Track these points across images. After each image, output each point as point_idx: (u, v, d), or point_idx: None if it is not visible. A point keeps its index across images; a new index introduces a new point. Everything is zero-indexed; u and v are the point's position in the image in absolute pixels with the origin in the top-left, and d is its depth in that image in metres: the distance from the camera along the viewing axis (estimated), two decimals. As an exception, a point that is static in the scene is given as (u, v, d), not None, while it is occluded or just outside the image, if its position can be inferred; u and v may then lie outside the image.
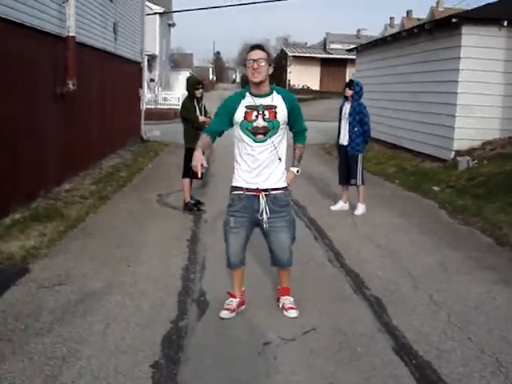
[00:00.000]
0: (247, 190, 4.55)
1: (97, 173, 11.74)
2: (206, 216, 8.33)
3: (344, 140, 8.69)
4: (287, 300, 4.82)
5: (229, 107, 4.55)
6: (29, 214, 7.84)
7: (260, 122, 4.44)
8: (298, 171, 4.79)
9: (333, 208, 8.97)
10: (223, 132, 4.67)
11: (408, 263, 6.25)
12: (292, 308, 4.75)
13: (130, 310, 4.78)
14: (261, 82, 4.41)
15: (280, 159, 4.56)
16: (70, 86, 9.95)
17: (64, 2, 9.84)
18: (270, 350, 4.10)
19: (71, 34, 9.95)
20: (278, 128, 4.48)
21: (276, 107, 4.47)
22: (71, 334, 4.27)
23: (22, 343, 4.10)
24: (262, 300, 5.06)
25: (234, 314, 4.71)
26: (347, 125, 8.57)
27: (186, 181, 8.67)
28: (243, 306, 4.84)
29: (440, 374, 3.80)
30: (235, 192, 4.62)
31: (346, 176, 8.80)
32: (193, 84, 8.67)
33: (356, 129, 8.53)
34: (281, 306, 4.81)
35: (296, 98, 4.75)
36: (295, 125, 4.71)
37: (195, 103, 8.57)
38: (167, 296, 5.12)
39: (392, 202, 9.62)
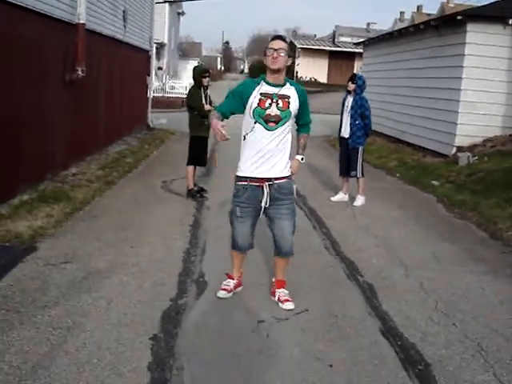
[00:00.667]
0: (251, 180, 4.61)
1: (103, 158, 11.96)
2: (209, 203, 8.54)
3: (345, 133, 8.88)
4: (283, 292, 4.87)
5: (243, 91, 4.60)
6: (36, 195, 8.07)
7: (273, 110, 4.50)
8: (302, 159, 4.88)
9: (333, 199, 9.18)
10: (231, 115, 4.71)
11: (402, 253, 6.46)
12: (288, 300, 4.79)
13: (132, 288, 5.01)
14: (278, 70, 4.48)
15: (286, 149, 4.64)
16: (79, 72, 10.15)
17: (75, -11, 10.03)
18: (264, 328, 4.32)
19: (81, 21, 10.14)
20: (289, 118, 4.56)
21: (289, 97, 4.55)
22: (76, 308, 4.51)
23: (29, 314, 4.33)
24: (258, 283, 5.26)
25: (230, 294, 4.87)
26: (349, 118, 8.77)
27: (191, 168, 8.88)
28: (240, 288, 5.00)
29: (423, 355, 4.02)
30: (240, 183, 4.67)
31: (347, 168, 9.00)
32: (200, 72, 8.84)
33: (357, 122, 8.72)
34: (276, 298, 4.85)
35: (306, 93, 4.84)
36: (302, 117, 4.81)
37: (201, 91, 8.75)
38: (168, 276, 5.35)
39: (391, 195, 9.82)
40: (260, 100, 4.51)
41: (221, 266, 5.49)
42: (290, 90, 4.59)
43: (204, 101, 8.69)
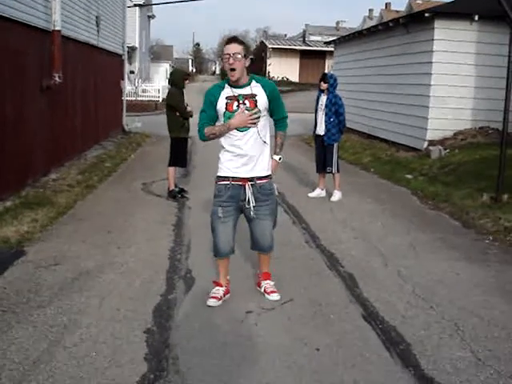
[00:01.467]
0: (233, 179, 4.62)
1: (82, 163, 12.08)
2: (189, 203, 8.72)
3: (321, 130, 9.13)
4: (268, 284, 4.97)
5: (211, 100, 4.60)
6: (19, 201, 8.18)
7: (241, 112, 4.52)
8: (280, 159, 4.89)
9: (310, 195, 9.42)
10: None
11: (379, 244, 6.71)
12: (274, 291, 4.91)
13: (122, 286, 5.18)
14: (238, 80, 4.51)
15: (265, 143, 4.65)
16: (56, 78, 10.27)
17: (49, -3, 10.13)
18: (252, 318, 4.54)
19: (57, 28, 10.26)
20: (259, 116, 4.56)
21: (256, 95, 4.54)
22: (70, 307, 4.67)
23: (25, 314, 4.49)
24: (243, 276, 5.46)
25: (220, 302, 4.78)
26: (324, 115, 9.02)
27: (172, 169, 9.06)
28: (228, 295, 4.91)
29: (403, 336, 4.26)
30: (222, 182, 4.67)
31: (323, 164, 9.25)
32: (182, 75, 9.13)
33: (332, 119, 8.98)
34: (262, 290, 4.97)
35: (276, 86, 4.82)
36: (276, 112, 4.76)
37: (183, 94, 8.95)
38: (156, 274, 5.54)
39: (367, 190, 10.09)
40: (227, 104, 4.55)
41: (206, 262, 5.71)
42: (255, 88, 4.57)
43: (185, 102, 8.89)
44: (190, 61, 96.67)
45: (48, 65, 10.14)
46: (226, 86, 4.60)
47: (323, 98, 9.05)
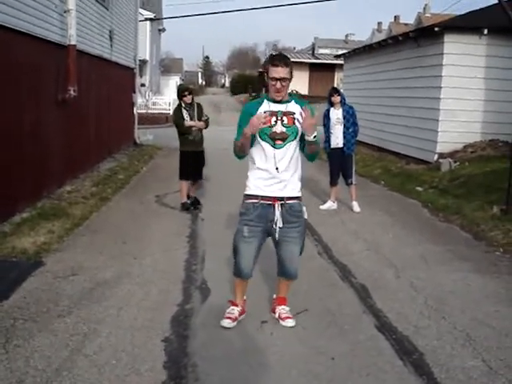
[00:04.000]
0: (262, 198, 4.44)
1: (95, 175, 12.23)
2: (203, 215, 8.84)
3: (340, 142, 9.24)
4: (283, 310, 4.77)
5: (248, 114, 4.39)
6: (36, 213, 8.33)
7: (278, 128, 4.35)
8: (314, 137, 4.32)
9: (322, 207, 9.52)
10: (252, 143, 4.46)
11: (391, 255, 6.80)
12: (289, 317, 4.71)
13: (139, 297, 5.29)
14: (282, 99, 4.38)
15: (296, 168, 4.51)
16: (72, 92, 10.44)
17: (65, 12, 10.33)
18: (268, 327, 4.64)
19: (72, 43, 10.44)
20: (296, 134, 4.40)
21: (295, 113, 4.38)
22: (89, 316, 4.78)
23: (46, 323, 4.60)
24: (260, 286, 5.55)
25: (235, 323, 4.64)
26: (342, 127, 9.15)
27: (182, 183, 9.19)
28: (243, 316, 4.78)
29: (416, 345, 4.35)
30: (250, 201, 4.48)
31: (339, 177, 9.41)
32: (179, 91, 9.21)
33: (350, 130, 9.16)
34: (277, 316, 4.76)
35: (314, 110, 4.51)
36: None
37: (183, 109, 9.01)
38: (172, 284, 5.65)
39: (377, 202, 10.18)
40: (265, 118, 4.30)
41: (221, 273, 5.80)
42: (295, 107, 4.42)
43: (188, 117, 8.96)
44: (200, 74, 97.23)
45: (63, 78, 10.31)
46: (265, 101, 4.45)
47: (337, 112, 9.17)
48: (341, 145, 9.24)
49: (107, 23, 14.33)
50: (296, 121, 4.39)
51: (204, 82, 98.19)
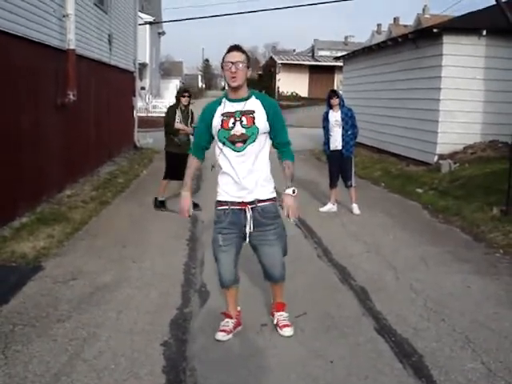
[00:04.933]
0: (232, 204, 4.29)
1: (95, 179, 12.23)
2: (203, 217, 8.82)
3: (338, 145, 9.24)
4: (281, 316, 4.64)
5: (206, 118, 4.32)
6: (35, 217, 8.33)
7: (238, 130, 4.17)
8: (294, 191, 4.25)
9: (321, 209, 9.52)
10: (209, 145, 4.47)
11: (391, 257, 6.79)
12: (286, 325, 4.57)
13: (138, 300, 5.30)
14: (239, 86, 4.17)
15: (263, 169, 4.30)
16: (71, 96, 10.45)
17: (64, 16, 10.34)
18: (267, 331, 4.63)
19: (71, 47, 10.45)
20: (257, 134, 4.18)
21: (254, 112, 4.18)
22: (88, 320, 4.79)
23: (45, 328, 4.60)
24: (257, 289, 5.55)
25: (230, 335, 4.50)
26: (341, 130, 9.15)
27: (164, 182, 9.50)
28: (240, 328, 4.65)
29: (416, 348, 4.35)
30: (220, 207, 4.35)
31: (338, 179, 9.41)
32: (179, 92, 9.48)
33: (349, 132, 9.16)
34: (275, 322, 4.64)
35: (278, 105, 4.43)
36: (278, 135, 4.34)
37: (178, 110, 9.17)
38: (172, 288, 5.65)
39: (377, 204, 10.18)
40: (222, 121, 4.21)
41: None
42: (254, 104, 4.23)
43: (181, 119, 9.12)
44: (200, 77, 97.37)
45: (63, 83, 10.32)
46: (224, 100, 4.28)
47: (336, 114, 9.18)
48: (340, 147, 9.24)
49: (106, 27, 14.34)
50: (256, 120, 4.19)
51: (204, 85, 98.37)
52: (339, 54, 25.62)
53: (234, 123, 4.18)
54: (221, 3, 68.41)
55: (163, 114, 30.15)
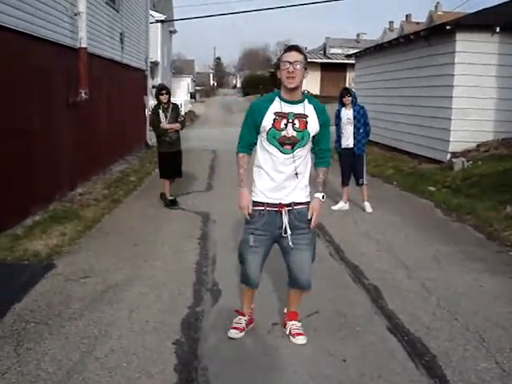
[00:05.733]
0: (268, 205, 4.18)
1: (107, 178, 12.27)
2: (214, 216, 8.83)
3: (350, 143, 9.22)
4: (294, 325, 4.52)
5: (255, 114, 4.13)
6: (48, 215, 8.37)
7: (289, 132, 4.04)
8: (323, 197, 4.27)
9: (333, 208, 9.49)
10: (257, 140, 4.26)
11: (403, 256, 6.76)
12: (300, 334, 4.44)
13: (150, 299, 5.30)
14: (296, 88, 4.03)
15: (304, 172, 4.22)
16: (83, 95, 10.48)
17: (76, 15, 10.37)
18: (278, 329, 4.62)
19: (83, 46, 10.48)
20: (307, 140, 4.11)
21: (307, 117, 4.07)
22: (100, 318, 4.79)
23: (57, 326, 4.62)
24: (270, 289, 5.54)
25: (243, 333, 4.50)
26: (352, 128, 9.12)
27: (164, 180, 9.64)
28: (251, 325, 4.65)
29: (429, 347, 4.32)
30: (255, 208, 4.22)
31: (350, 178, 9.40)
32: (156, 90, 9.49)
33: (361, 130, 9.13)
34: (287, 332, 4.50)
35: (327, 113, 4.28)
36: (320, 141, 4.25)
37: (160, 109, 9.24)
38: (183, 286, 5.64)
39: (390, 202, 10.13)
40: (274, 120, 4.05)
41: (232, 275, 5.77)
42: (308, 109, 4.10)
43: (164, 118, 9.19)
44: (211, 75, 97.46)
45: (74, 81, 10.35)
46: (277, 99, 4.11)
47: (348, 112, 9.15)
48: (351, 145, 9.21)
49: (118, 25, 14.37)
50: (308, 125, 4.08)
51: (216, 83, 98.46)
52: (351, 51, 25.55)
53: (286, 124, 4.05)
54: (232, 1, 68.18)
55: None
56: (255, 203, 4.24)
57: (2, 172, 7.47)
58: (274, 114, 4.06)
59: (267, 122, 4.07)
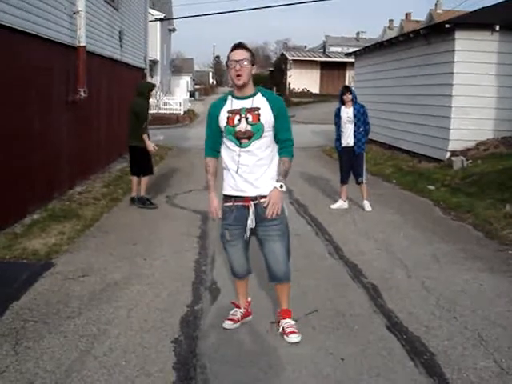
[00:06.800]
0: (236, 200, 4.31)
1: (106, 176, 12.27)
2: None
3: (350, 141, 9.21)
4: (288, 323, 4.47)
5: (213, 116, 4.33)
6: (46, 214, 8.37)
7: (243, 126, 4.17)
8: (281, 186, 4.24)
9: (332, 206, 9.48)
10: (221, 140, 4.38)
11: (402, 255, 6.75)
12: (293, 332, 4.40)
13: (149, 297, 5.30)
14: (244, 84, 4.17)
15: (268, 164, 4.28)
16: (81, 93, 10.49)
17: (75, 13, 10.36)
18: (277, 328, 4.59)
19: (82, 44, 10.48)
20: (262, 131, 4.17)
21: (259, 109, 4.18)
22: (99, 317, 4.79)
23: (56, 324, 4.61)
24: (268, 287, 5.52)
25: (238, 324, 4.60)
26: (353, 126, 9.11)
27: (134, 178, 9.53)
28: (249, 317, 4.75)
29: (427, 346, 4.31)
30: (226, 204, 4.38)
31: (349, 176, 9.38)
32: (150, 87, 9.64)
33: (361, 129, 9.11)
34: (281, 330, 4.46)
35: (284, 103, 4.40)
36: (279, 132, 4.27)
37: (148, 104, 9.48)
38: (182, 285, 5.64)
39: (389, 201, 10.13)
40: (228, 118, 4.21)
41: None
42: (259, 101, 4.22)
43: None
44: (211, 73, 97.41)
45: (73, 80, 10.35)
46: (229, 98, 4.29)
47: (348, 110, 9.13)
48: (351, 144, 9.19)
49: (117, 24, 14.36)
50: (261, 117, 4.18)
51: (215, 82, 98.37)
52: (351, 50, 25.56)
53: (239, 120, 4.18)
54: None
55: (174, 111, 30.23)
56: (225, 198, 4.40)
57: (0, 170, 7.46)
58: (227, 112, 4.24)
59: (222, 120, 4.25)
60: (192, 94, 56.70)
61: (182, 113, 33.53)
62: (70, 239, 7.23)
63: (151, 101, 28.75)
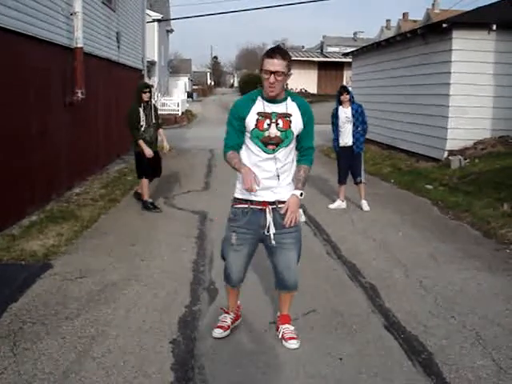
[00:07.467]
0: (252, 203, 4.08)
1: (104, 177, 12.27)
2: (211, 215, 8.82)
3: (349, 141, 9.21)
4: (287, 329, 4.40)
5: (237, 116, 4.02)
6: (44, 215, 8.37)
7: (273, 132, 3.96)
8: (301, 194, 4.04)
9: (331, 206, 9.49)
10: (244, 139, 4.11)
11: (400, 254, 6.76)
12: (293, 338, 4.33)
13: (147, 298, 5.29)
14: (276, 95, 3.96)
15: (288, 170, 4.13)
16: (79, 94, 10.49)
17: (72, 15, 10.36)
18: (275, 329, 4.60)
19: (79, 45, 10.49)
20: (291, 139, 4.03)
21: (291, 115, 4.00)
22: (97, 318, 4.79)
23: (54, 326, 4.61)
24: (266, 287, 5.54)
25: (228, 331, 4.47)
26: (351, 126, 9.12)
27: (144, 181, 9.26)
28: (238, 321, 4.66)
29: (425, 345, 4.32)
30: (239, 206, 4.15)
31: (347, 176, 9.41)
32: (140, 88, 9.00)
33: (359, 128, 9.12)
34: (280, 335, 4.39)
35: (311, 109, 4.21)
36: (303, 139, 4.15)
37: (141, 109, 8.87)
38: (180, 286, 5.64)
39: (387, 200, 10.14)
40: (258, 121, 3.96)
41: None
42: (291, 107, 4.02)
43: (143, 119, 8.85)
44: (208, 74, 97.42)
45: (71, 81, 10.36)
46: (259, 99, 4.01)
47: (346, 110, 9.13)
48: (350, 143, 9.20)
49: (114, 25, 14.37)
50: (292, 124, 4.00)
51: (213, 82, 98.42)
52: (348, 50, 25.58)
53: (269, 124, 3.96)
54: (229, 0, 68.20)
55: (172, 112, 30.16)
56: (239, 200, 4.15)
57: (-2, 172, 7.47)
58: (257, 114, 3.98)
59: (250, 122, 3.99)
60: (190, 95, 56.72)
61: (179, 114, 33.52)
62: (68, 240, 7.23)
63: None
